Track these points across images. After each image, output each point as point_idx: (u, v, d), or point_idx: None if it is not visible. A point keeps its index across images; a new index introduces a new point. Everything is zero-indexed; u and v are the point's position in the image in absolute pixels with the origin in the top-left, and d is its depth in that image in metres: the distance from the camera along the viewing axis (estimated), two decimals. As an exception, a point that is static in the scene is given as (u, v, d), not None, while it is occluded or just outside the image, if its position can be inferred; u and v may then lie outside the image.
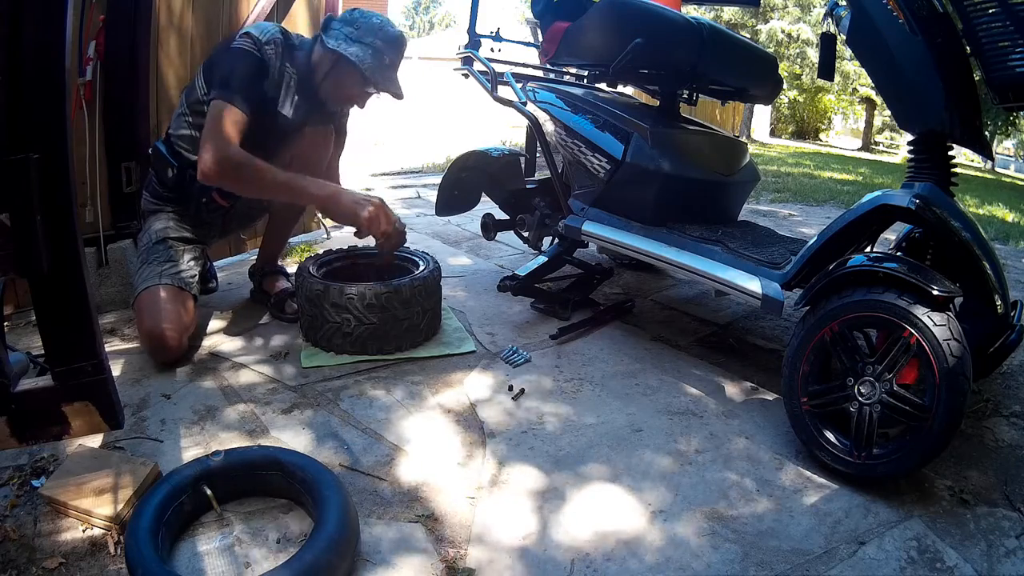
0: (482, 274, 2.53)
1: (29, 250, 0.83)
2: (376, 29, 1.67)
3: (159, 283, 1.65)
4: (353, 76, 1.70)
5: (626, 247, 1.87)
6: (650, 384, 1.68)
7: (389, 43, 1.69)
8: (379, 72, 1.69)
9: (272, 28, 1.69)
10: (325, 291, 1.66)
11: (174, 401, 1.47)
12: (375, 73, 1.68)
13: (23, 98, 0.82)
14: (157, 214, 1.80)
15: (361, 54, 1.65)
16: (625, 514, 1.19)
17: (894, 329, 1.22)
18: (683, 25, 1.80)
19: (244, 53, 1.61)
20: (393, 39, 1.70)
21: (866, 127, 18.42)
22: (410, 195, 4.22)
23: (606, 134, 1.94)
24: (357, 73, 1.67)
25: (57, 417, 0.94)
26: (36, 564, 0.98)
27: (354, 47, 1.65)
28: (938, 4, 1.33)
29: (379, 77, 1.69)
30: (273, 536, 1.08)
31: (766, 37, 12.68)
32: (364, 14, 1.69)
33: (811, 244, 1.51)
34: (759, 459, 1.38)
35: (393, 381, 1.61)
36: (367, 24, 1.67)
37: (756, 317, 2.21)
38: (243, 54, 1.61)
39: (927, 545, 1.14)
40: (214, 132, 1.55)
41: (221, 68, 1.61)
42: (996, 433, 1.53)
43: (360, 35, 1.66)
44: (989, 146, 1.53)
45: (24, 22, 0.80)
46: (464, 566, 1.05)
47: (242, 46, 1.62)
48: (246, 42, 1.62)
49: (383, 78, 1.70)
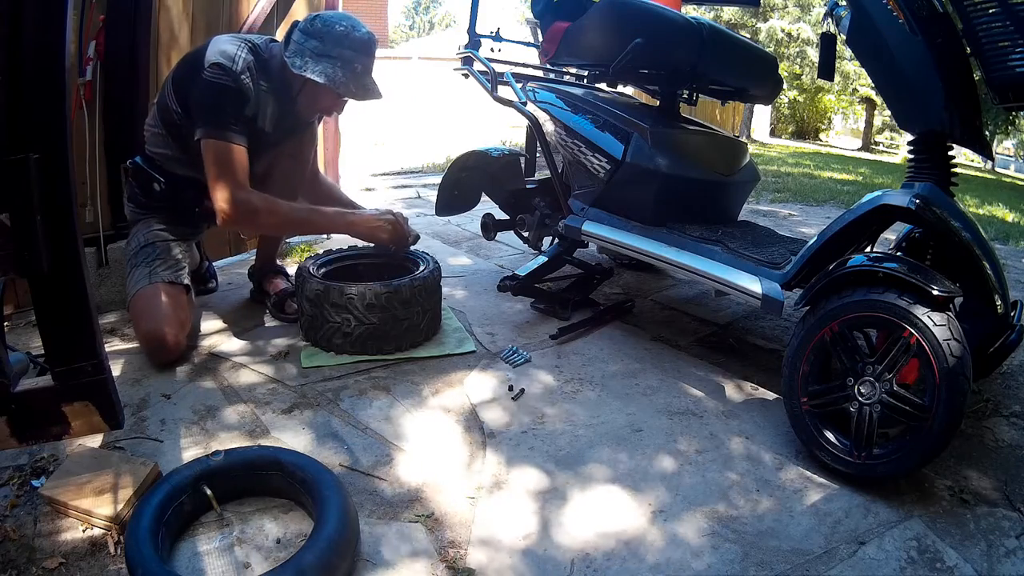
0: (482, 274, 2.53)
1: (29, 250, 0.83)
2: (342, 38, 1.60)
3: (151, 282, 1.65)
4: (326, 93, 1.67)
5: (626, 247, 1.87)
6: (650, 384, 1.68)
7: (358, 50, 1.63)
8: (352, 83, 1.63)
9: (240, 53, 1.59)
10: (325, 291, 1.66)
11: (174, 401, 1.47)
12: (347, 86, 1.63)
13: (23, 98, 0.82)
14: (144, 220, 1.79)
15: (330, 71, 1.59)
16: (625, 514, 1.19)
17: (894, 329, 1.22)
18: (683, 25, 1.80)
19: (225, 88, 1.55)
20: (361, 45, 1.63)
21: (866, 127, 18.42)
22: (410, 195, 4.21)
23: (606, 134, 1.94)
24: (329, 90, 1.64)
25: (57, 417, 0.94)
26: (36, 564, 0.98)
27: (321, 64, 1.59)
28: (938, 4, 1.33)
29: (353, 88, 1.64)
30: (273, 536, 1.08)
31: (766, 37, 12.67)
32: (326, 22, 1.60)
33: (811, 244, 1.51)
34: (759, 459, 1.38)
35: (393, 381, 1.61)
36: (331, 34, 1.59)
37: (756, 317, 2.21)
38: (224, 89, 1.55)
39: (927, 545, 1.14)
40: (225, 176, 1.55)
41: (204, 104, 1.56)
42: (996, 433, 1.53)
43: (326, 48, 1.59)
44: (989, 146, 1.53)
45: (24, 22, 0.80)
46: (464, 566, 1.05)
47: (220, 81, 1.54)
48: (221, 75, 1.54)
49: (357, 87, 1.65)
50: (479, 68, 2.20)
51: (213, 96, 1.56)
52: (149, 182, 1.74)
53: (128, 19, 1.86)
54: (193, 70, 1.59)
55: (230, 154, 1.56)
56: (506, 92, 2.17)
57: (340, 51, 1.61)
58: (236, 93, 1.58)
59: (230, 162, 1.56)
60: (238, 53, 1.59)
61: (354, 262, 1.99)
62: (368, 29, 1.69)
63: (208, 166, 1.56)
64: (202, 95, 1.56)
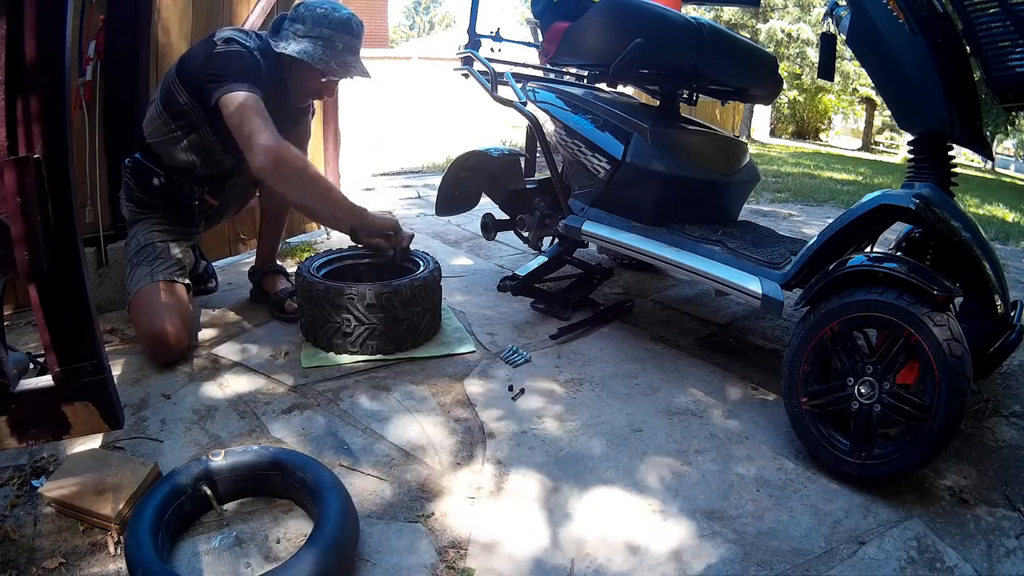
0: (482, 274, 2.53)
1: (29, 250, 0.83)
2: (322, 19, 1.67)
3: (151, 281, 1.65)
4: (310, 72, 1.71)
5: (626, 247, 1.87)
6: (650, 384, 1.68)
7: (338, 29, 1.68)
8: (333, 60, 1.68)
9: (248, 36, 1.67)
10: (325, 291, 1.66)
11: (174, 401, 1.47)
12: (328, 63, 1.68)
13: (23, 98, 0.82)
14: (143, 221, 1.79)
15: (311, 49, 1.65)
16: (625, 514, 1.19)
17: (894, 329, 1.22)
18: (683, 25, 1.80)
19: (240, 54, 1.60)
20: (341, 23, 1.69)
21: (866, 127, 18.41)
22: (410, 195, 4.21)
23: (606, 134, 1.94)
24: (312, 68, 1.68)
25: (57, 417, 0.94)
26: (36, 564, 0.98)
27: (302, 44, 1.66)
28: (938, 4, 1.33)
29: (334, 65, 1.69)
30: (273, 536, 1.08)
31: (766, 37, 12.66)
32: (308, 7, 1.68)
33: (811, 244, 1.51)
34: (759, 459, 1.38)
35: (393, 381, 1.61)
36: (312, 16, 1.67)
37: (756, 317, 2.21)
38: (240, 54, 1.60)
39: (927, 545, 1.14)
40: (257, 121, 1.52)
41: (221, 68, 1.58)
42: (996, 433, 1.53)
43: (307, 30, 1.66)
44: (989, 146, 1.53)
45: (24, 22, 0.80)
46: (464, 566, 1.05)
47: (234, 49, 1.60)
48: (235, 46, 1.60)
49: (340, 64, 1.70)
50: (479, 68, 2.20)
51: (229, 61, 1.58)
52: (148, 177, 1.74)
53: (128, 19, 1.86)
54: (203, 54, 1.62)
55: (257, 103, 1.55)
56: (506, 92, 2.17)
57: (320, 30, 1.67)
58: (253, 62, 1.62)
59: (259, 110, 1.54)
60: (246, 36, 1.66)
61: (354, 262, 1.99)
62: (351, 11, 1.74)
63: (235, 118, 1.53)
64: (217, 64, 1.58)
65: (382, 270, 1.93)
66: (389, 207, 3.79)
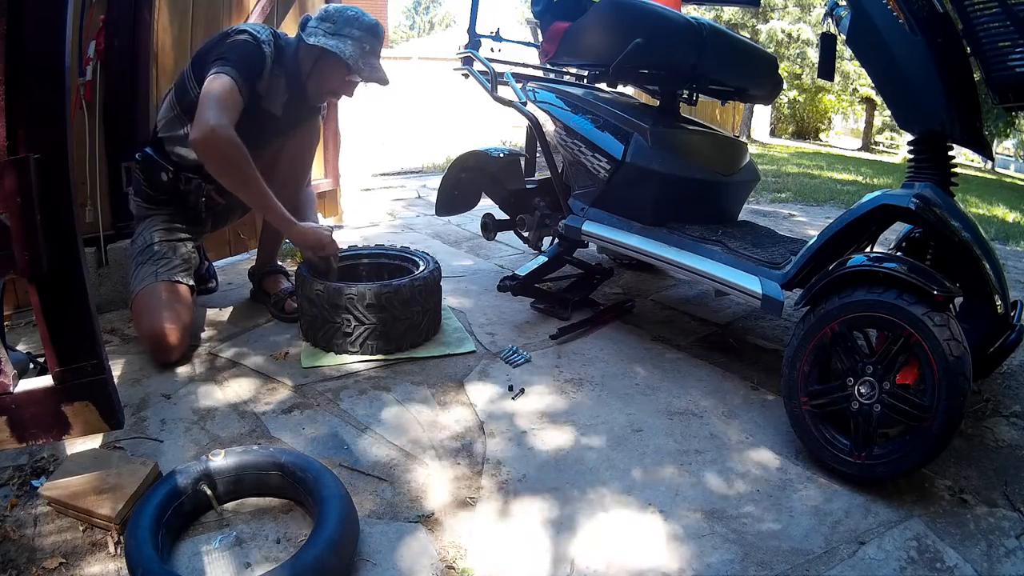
0: (482, 274, 2.53)
1: (29, 250, 0.83)
2: (352, 20, 1.70)
3: (155, 281, 1.65)
4: (337, 68, 1.72)
5: (626, 247, 1.87)
6: (650, 384, 1.68)
7: (367, 32, 1.72)
8: (361, 60, 1.71)
9: (265, 29, 1.72)
10: (325, 291, 1.66)
11: (174, 401, 1.47)
12: (358, 62, 1.70)
13: (23, 98, 0.82)
14: (150, 218, 1.80)
15: (342, 46, 1.68)
16: (625, 514, 1.19)
17: (894, 329, 1.22)
18: (683, 25, 1.80)
19: (245, 44, 1.63)
20: (370, 27, 1.72)
21: (866, 127, 18.40)
22: (410, 195, 4.22)
23: (606, 134, 1.94)
24: (341, 64, 1.70)
25: (57, 417, 0.94)
26: (36, 564, 0.98)
27: (334, 40, 1.68)
28: (938, 4, 1.33)
29: (362, 65, 1.72)
30: (273, 536, 1.08)
31: (766, 37, 12.66)
32: (338, 9, 1.72)
33: (811, 244, 1.51)
34: (759, 459, 1.38)
35: (393, 381, 1.61)
36: (342, 17, 1.70)
37: (756, 317, 2.21)
38: (245, 45, 1.63)
39: (927, 545, 1.14)
40: (218, 102, 1.53)
41: (222, 53, 1.62)
42: (996, 433, 1.53)
43: (337, 28, 1.69)
44: (989, 146, 1.53)
45: (24, 22, 0.80)
46: (464, 566, 1.05)
47: (243, 39, 1.64)
48: (246, 38, 1.64)
49: (366, 66, 1.72)
50: (479, 68, 2.20)
51: (231, 49, 1.62)
52: (157, 172, 1.76)
53: (128, 19, 1.86)
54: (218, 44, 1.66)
55: (229, 89, 1.56)
56: (506, 92, 2.17)
57: (351, 31, 1.70)
58: (256, 53, 1.64)
59: (226, 95, 1.55)
60: (264, 29, 1.72)
61: (354, 262, 1.99)
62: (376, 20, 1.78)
63: (203, 95, 1.54)
64: (222, 51, 1.62)
65: (382, 270, 1.92)
66: (388, 207, 3.79)
